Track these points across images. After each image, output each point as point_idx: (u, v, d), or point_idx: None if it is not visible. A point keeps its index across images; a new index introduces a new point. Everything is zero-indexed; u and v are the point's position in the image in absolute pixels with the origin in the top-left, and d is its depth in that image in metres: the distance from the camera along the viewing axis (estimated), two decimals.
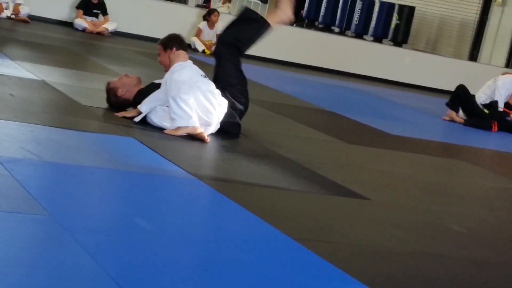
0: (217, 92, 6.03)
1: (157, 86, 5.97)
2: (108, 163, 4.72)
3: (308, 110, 8.64)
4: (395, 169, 6.49)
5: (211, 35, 12.99)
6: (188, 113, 5.70)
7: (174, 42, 6.17)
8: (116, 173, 4.53)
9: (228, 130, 6.15)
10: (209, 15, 13.06)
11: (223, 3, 17.40)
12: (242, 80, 6.38)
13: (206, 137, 5.75)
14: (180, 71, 5.94)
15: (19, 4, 11.61)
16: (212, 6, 17.63)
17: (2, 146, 4.54)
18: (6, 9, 11.52)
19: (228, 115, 6.10)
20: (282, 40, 13.94)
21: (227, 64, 6.35)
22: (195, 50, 12.70)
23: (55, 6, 12.34)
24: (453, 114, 10.13)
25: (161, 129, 5.77)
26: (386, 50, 15.26)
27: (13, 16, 11.51)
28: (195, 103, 5.78)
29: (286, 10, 6.54)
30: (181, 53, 6.12)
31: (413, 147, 7.76)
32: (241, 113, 6.30)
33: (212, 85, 6.05)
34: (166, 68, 6.09)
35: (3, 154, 4.33)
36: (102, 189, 4.25)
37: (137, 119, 5.89)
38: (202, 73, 6.15)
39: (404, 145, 7.75)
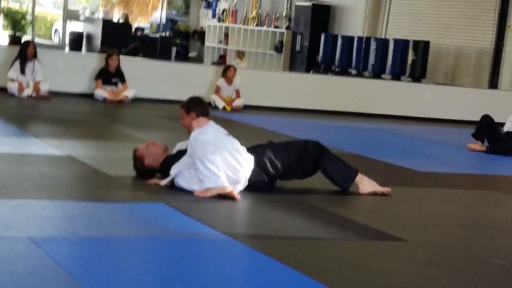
0: (243, 149, 6.06)
1: (184, 152, 6.01)
2: (143, 231, 4.74)
3: None
4: (428, 206, 6.46)
5: (230, 91, 13.08)
6: (216, 173, 5.73)
7: (195, 106, 6.21)
8: (151, 241, 4.55)
9: (254, 185, 6.16)
10: (225, 72, 13.17)
11: (240, 58, 17.54)
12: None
13: (236, 195, 5.76)
14: (204, 132, 5.97)
15: (39, 82, 11.77)
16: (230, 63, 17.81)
17: (36, 226, 4.59)
18: (27, 87, 11.68)
19: (255, 173, 6.10)
20: (300, 88, 14.01)
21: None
22: (216, 107, 12.78)
23: (74, 80, 12.50)
24: (474, 145, 10.09)
25: (191, 193, 5.79)
26: (405, 87, 15.28)
27: (34, 94, 11.66)
28: (222, 162, 5.80)
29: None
30: (203, 119, 6.12)
31: (442, 182, 7.73)
32: (274, 177, 6.30)
33: (237, 143, 6.07)
34: (189, 130, 6.13)
35: (38, 234, 4.37)
36: (139, 259, 4.26)
37: (163, 182, 5.93)
38: (225, 131, 6.19)
39: (433, 181, 7.72)
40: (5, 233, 4.34)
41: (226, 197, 5.72)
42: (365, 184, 6.43)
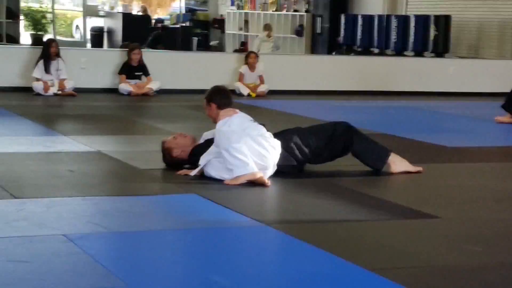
0: (269, 134, 6.05)
1: (211, 141, 6.01)
2: (176, 223, 4.76)
3: None
4: (460, 182, 6.43)
5: (253, 77, 13.07)
6: (243, 160, 5.73)
7: (215, 96, 6.21)
8: (185, 232, 4.57)
9: (283, 170, 6.15)
10: (247, 58, 13.16)
11: (267, 33, 17.43)
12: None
13: (266, 181, 5.76)
14: (228, 123, 5.96)
15: (64, 79, 11.83)
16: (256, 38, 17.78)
17: (70, 223, 4.62)
18: (52, 86, 11.74)
19: (283, 158, 6.08)
20: (323, 70, 13.97)
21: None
22: (240, 94, 12.77)
23: (98, 76, 12.55)
24: (502, 118, 10.01)
25: (221, 181, 5.80)
26: (428, 62, 15.18)
27: (59, 92, 11.73)
28: (248, 149, 5.79)
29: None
30: (227, 110, 6.09)
31: (473, 156, 7.69)
32: (302, 162, 6.28)
33: (262, 129, 6.06)
34: (214, 120, 6.13)
35: (72, 231, 4.40)
36: (174, 251, 4.28)
37: (192, 173, 5.94)
38: (250, 118, 6.18)
39: (463, 156, 7.68)
40: (40, 231, 4.38)
41: (256, 183, 5.72)
42: (397, 164, 6.40)
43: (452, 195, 5.85)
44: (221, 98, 6.22)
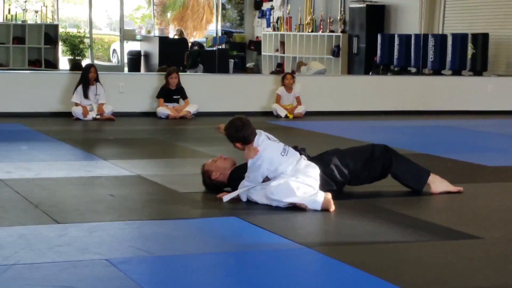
0: (304, 164, 5.93)
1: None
2: (217, 246, 4.76)
3: None
4: (501, 202, 6.37)
5: (290, 98, 13.08)
6: (311, 191, 5.73)
7: (235, 136, 6.03)
8: (226, 255, 4.57)
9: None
10: (283, 80, 13.18)
11: (299, 67, 17.45)
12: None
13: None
14: (260, 159, 5.85)
15: (103, 104, 11.95)
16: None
17: (112, 247, 4.64)
18: (91, 111, 11.85)
19: (323, 182, 6.06)
20: (360, 90, 13.95)
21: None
22: (278, 116, 12.79)
23: (137, 100, 12.65)
24: None
25: (260, 204, 5.79)
26: (466, 81, 15.10)
27: (98, 117, 11.83)
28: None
29: None
30: (252, 142, 5.95)
31: None
32: (342, 184, 6.27)
33: (293, 160, 5.94)
34: (243, 148, 6.05)
35: (114, 255, 4.42)
36: (215, 274, 4.28)
37: (225, 199, 5.91)
38: (280, 148, 5.98)
39: (504, 175, 7.61)
40: (82, 256, 4.41)
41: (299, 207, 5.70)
42: (437, 184, 6.36)
43: (494, 215, 5.80)
44: (242, 134, 5.99)
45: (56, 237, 4.83)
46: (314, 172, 5.93)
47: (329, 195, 5.72)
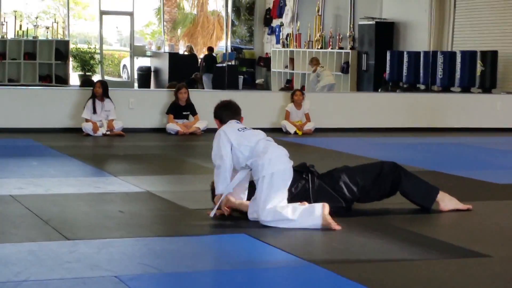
0: (263, 146, 5.89)
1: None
2: (226, 264, 4.78)
3: None
4: (511, 220, 6.37)
5: (299, 115, 13.12)
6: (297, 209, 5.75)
7: (215, 109, 6.21)
8: (235, 272, 4.58)
9: (332, 210, 6.15)
10: (293, 96, 13.22)
11: (312, 65, 17.45)
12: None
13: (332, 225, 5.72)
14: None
15: (113, 120, 12.00)
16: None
17: (122, 264, 4.66)
18: (101, 126, 11.91)
19: (331, 199, 6.08)
20: (369, 107, 13.97)
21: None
22: (287, 132, 12.83)
23: (146, 116, 12.70)
24: None
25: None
26: (475, 98, 15.11)
27: (108, 132, 11.88)
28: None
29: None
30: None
31: None
32: (351, 201, 6.28)
33: (254, 139, 5.93)
34: (219, 126, 6.17)
35: (124, 272, 4.44)
36: None
37: (212, 213, 5.95)
38: (240, 126, 6.03)
39: None
40: (92, 273, 4.43)
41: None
42: (446, 202, 6.37)
43: (504, 234, 5.80)
44: (222, 112, 6.17)
45: (66, 253, 4.85)
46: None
47: (326, 209, 5.71)
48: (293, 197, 6.04)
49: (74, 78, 21.82)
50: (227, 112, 6.18)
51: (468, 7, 17.60)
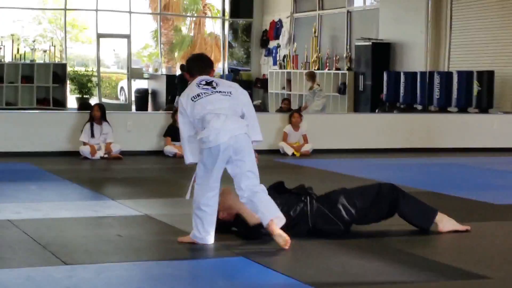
0: (209, 118, 5.77)
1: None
2: (225, 287, 4.77)
3: None
4: (510, 241, 6.37)
5: (297, 136, 13.13)
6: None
7: (187, 60, 6.13)
8: None
9: (330, 233, 6.16)
10: (290, 118, 13.24)
11: (308, 80, 17.42)
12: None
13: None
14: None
15: (111, 143, 12.00)
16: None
17: None
18: (99, 150, 11.91)
19: (330, 222, 6.09)
20: (366, 127, 14.00)
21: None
22: (285, 154, 12.83)
23: (144, 138, 12.71)
24: None
25: (269, 244, 5.80)
26: (472, 118, 15.14)
27: (106, 156, 11.89)
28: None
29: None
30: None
31: None
32: (349, 223, 6.27)
33: (205, 106, 5.81)
34: (188, 79, 6.12)
35: None
36: None
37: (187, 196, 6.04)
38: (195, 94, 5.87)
39: None
40: None
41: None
42: (445, 223, 6.36)
43: (503, 255, 5.79)
44: (190, 64, 6.07)
45: (63, 278, 4.84)
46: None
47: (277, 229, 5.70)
48: (292, 220, 6.04)
49: (72, 101, 21.84)
50: (195, 64, 6.03)
51: (464, 27, 17.68)
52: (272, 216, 5.69)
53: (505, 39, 16.64)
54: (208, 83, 5.87)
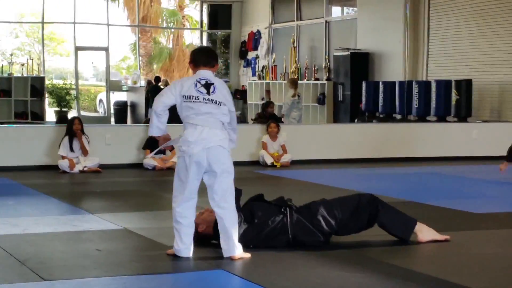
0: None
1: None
2: None
3: None
4: (489, 249, 6.37)
5: (275, 146, 13.12)
6: None
7: (193, 52, 6.10)
8: None
9: (310, 244, 6.16)
10: (267, 128, 13.23)
11: (290, 87, 17.42)
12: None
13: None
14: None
15: (87, 153, 11.94)
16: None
17: None
18: (77, 163, 11.85)
19: (309, 233, 6.09)
20: (346, 138, 14.02)
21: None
22: (264, 163, 12.83)
23: (123, 151, 12.66)
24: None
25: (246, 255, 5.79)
26: (451, 127, 15.20)
27: (85, 169, 11.82)
28: None
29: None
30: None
31: (501, 222, 7.63)
32: (329, 234, 6.26)
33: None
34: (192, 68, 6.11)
35: None
36: None
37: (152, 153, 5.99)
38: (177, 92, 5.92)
39: (491, 222, 7.62)
40: None
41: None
42: (424, 232, 6.37)
43: (482, 264, 5.80)
44: (196, 55, 6.04)
45: None
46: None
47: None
48: (271, 230, 6.05)
49: (50, 114, 21.75)
50: (201, 55, 6.02)
51: (442, 36, 17.77)
52: (231, 254, 5.75)
53: (483, 47, 16.75)
54: (206, 86, 5.86)
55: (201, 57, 6.01)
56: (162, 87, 22.78)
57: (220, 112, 5.85)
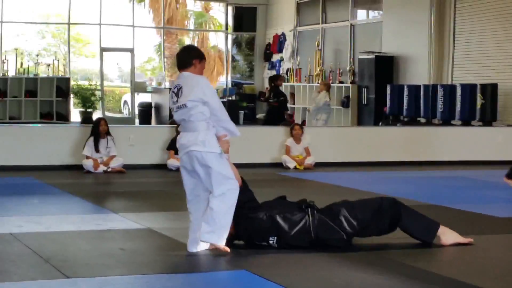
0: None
1: (252, 217, 6.05)
2: None
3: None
4: (511, 253, 6.35)
5: (299, 149, 13.11)
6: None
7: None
8: None
9: (333, 245, 6.16)
10: (291, 131, 13.23)
11: (319, 91, 17.48)
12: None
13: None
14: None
15: (113, 156, 12.00)
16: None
17: None
18: (102, 163, 11.91)
19: (332, 231, 6.10)
20: (369, 141, 13.99)
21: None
22: (287, 167, 12.82)
23: (147, 152, 12.71)
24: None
25: (269, 256, 5.79)
26: (476, 131, 15.13)
27: (109, 169, 11.88)
28: None
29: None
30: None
31: None
32: (351, 235, 6.26)
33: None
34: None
35: None
36: None
37: None
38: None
39: None
40: None
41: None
42: (447, 236, 6.35)
43: (505, 267, 5.78)
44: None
45: None
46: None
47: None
48: (293, 229, 6.08)
49: (75, 114, 21.86)
50: (177, 59, 6.22)
51: (467, 40, 17.69)
52: (208, 239, 5.95)
53: (508, 52, 16.64)
54: (177, 92, 6.11)
55: (177, 62, 6.21)
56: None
57: (192, 113, 6.05)
